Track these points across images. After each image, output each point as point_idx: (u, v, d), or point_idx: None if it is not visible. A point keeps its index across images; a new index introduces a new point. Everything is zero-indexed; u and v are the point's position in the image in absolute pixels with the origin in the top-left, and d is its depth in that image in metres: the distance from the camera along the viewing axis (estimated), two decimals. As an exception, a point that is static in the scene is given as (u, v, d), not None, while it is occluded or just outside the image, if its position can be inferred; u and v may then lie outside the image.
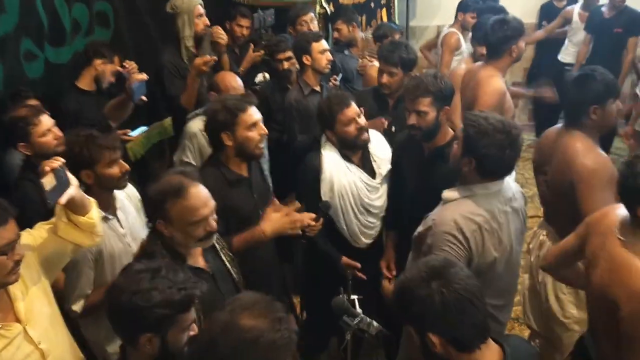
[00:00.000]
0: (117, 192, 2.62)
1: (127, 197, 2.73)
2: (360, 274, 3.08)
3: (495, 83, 3.47)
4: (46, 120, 2.80)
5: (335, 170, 3.06)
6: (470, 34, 5.09)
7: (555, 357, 3.01)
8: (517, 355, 1.71)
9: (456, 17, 5.48)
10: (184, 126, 3.59)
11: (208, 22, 4.08)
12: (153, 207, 2.15)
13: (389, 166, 3.17)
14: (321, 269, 3.24)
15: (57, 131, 2.84)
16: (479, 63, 3.76)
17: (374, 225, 3.20)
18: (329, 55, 3.88)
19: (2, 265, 1.88)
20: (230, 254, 2.40)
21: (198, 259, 2.24)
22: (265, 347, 1.49)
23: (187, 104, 3.79)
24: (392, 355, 2.87)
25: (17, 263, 1.93)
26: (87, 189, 2.54)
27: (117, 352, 2.50)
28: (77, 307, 2.53)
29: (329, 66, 3.93)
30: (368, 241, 3.21)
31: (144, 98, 3.24)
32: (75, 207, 2.11)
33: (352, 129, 2.98)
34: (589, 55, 5.78)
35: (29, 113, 2.75)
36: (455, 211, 2.32)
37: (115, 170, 2.52)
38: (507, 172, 2.38)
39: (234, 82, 3.48)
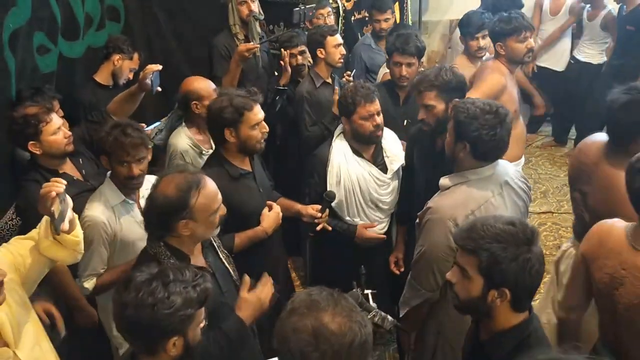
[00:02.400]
0: (146, 180, 2.66)
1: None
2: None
3: (493, 76, 3.47)
4: (56, 119, 2.79)
5: (344, 163, 3.08)
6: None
7: None
8: (536, 318, 1.89)
9: None
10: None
11: (252, 8, 4.10)
12: (174, 211, 2.07)
13: (400, 162, 3.16)
14: (331, 262, 3.25)
15: (66, 130, 2.84)
16: (491, 56, 3.75)
17: (380, 220, 3.20)
18: (342, 50, 3.90)
19: None
20: (226, 252, 2.41)
21: (199, 258, 2.25)
22: (359, 348, 1.45)
23: (228, 87, 3.79)
24: (405, 349, 2.87)
25: (1, 284, 1.88)
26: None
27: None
28: (88, 284, 2.61)
29: (342, 60, 3.94)
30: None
31: (159, 89, 3.23)
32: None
33: (368, 124, 2.99)
34: (612, 53, 5.72)
35: (40, 111, 2.73)
36: (449, 199, 2.40)
37: (124, 169, 2.58)
38: (501, 152, 2.42)
39: (209, 84, 3.41)
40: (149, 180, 2.67)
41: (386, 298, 2.83)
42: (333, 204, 3.06)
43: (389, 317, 2.03)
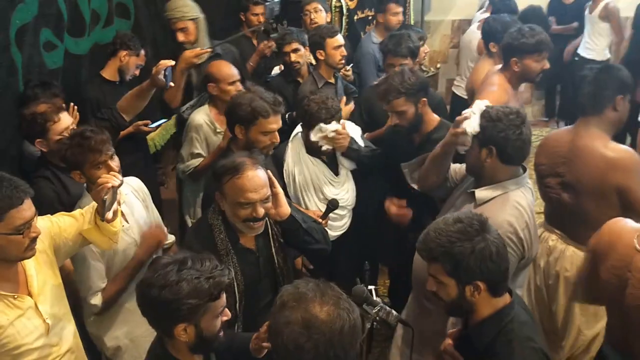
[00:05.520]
0: (122, 187, 2.57)
1: (134, 191, 2.75)
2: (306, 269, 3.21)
3: (494, 94, 3.27)
4: (65, 119, 2.81)
5: (298, 162, 3.14)
6: None
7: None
8: (519, 301, 1.97)
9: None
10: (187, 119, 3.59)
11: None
12: (215, 179, 2.31)
13: (353, 165, 3.21)
14: (333, 260, 3.26)
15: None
16: (497, 67, 3.59)
17: (340, 217, 3.24)
18: (343, 51, 3.88)
19: (19, 243, 2.03)
20: (281, 240, 2.46)
21: (250, 240, 2.38)
22: (349, 333, 1.52)
23: (170, 99, 3.76)
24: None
25: (34, 240, 2.06)
26: (87, 186, 2.58)
27: (115, 346, 2.65)
28: (96, 300, 2.56)
29: (343, 61, 3.92)
30: (335, 234, 3.23)
31: (172, 84, 3.27)
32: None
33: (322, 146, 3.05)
34: (628, 49, 5.70)
35: (49, 109, 2.76)
36: (503, 212, 2.34)
37: (101, 172, 2.43)
38: (526, 154, 2.40)
39: (229, 69, 3.51)
40: (127, 182, 2.67)
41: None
42: (294, 202, 3.08)
43: (394, 312, 2.05)
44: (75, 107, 3.00)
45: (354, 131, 3.28)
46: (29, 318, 2.13)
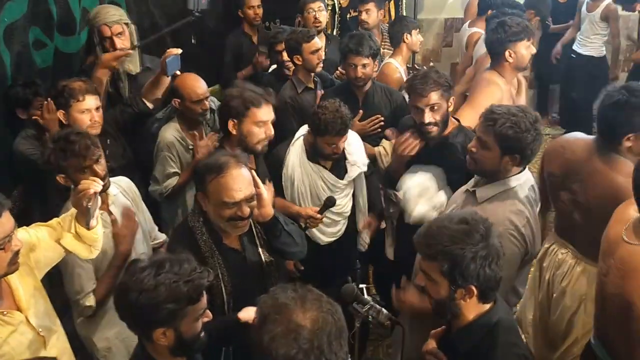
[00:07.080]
0: (110, 188, 2.58)
1: (123, 192, 2.73)
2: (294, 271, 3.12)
3: (489, 90, 3.27)
4: (91, 101, 2.87)
5: (298, 166, 3.09)
6: None
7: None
8: (502, 306, 1.94)
9: (479, 14, 5.37)
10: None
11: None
12: (197, 179, 2.29)
13: (360, 170, 3.16)
14: (324, 260, 3.21)
15: (97, 115, 2.89)
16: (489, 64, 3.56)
17: (335, 222, 3.19)
18: (320, 55, 3.78)
19: (1, 258, 1.92)
20: (265, 238, 2.43)
21: (234, 240, 2.35)
22: (337, 334, 1.48)
23: None
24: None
25: (16, 253, 1.96)
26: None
27: (106, 347, 2.61)
28: (89, 301, 2.54)
29: (321, 65, 3.83)
30: (328, 239, 3.20)
31: (177, 73, 3.26)
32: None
33: (330, 149, 2.99)
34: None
35: (78, 88, 2.85)
36: (504, 209, 2.34)
37: (87, 176, 2.35)
38: None
39: (197, 86, 3.29)
40: (116, 182, 2.68)
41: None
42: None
43: (384, 310, 2.04)
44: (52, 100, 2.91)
45: (357, 143, 3.22)
46: (22, 333, 2.07)
